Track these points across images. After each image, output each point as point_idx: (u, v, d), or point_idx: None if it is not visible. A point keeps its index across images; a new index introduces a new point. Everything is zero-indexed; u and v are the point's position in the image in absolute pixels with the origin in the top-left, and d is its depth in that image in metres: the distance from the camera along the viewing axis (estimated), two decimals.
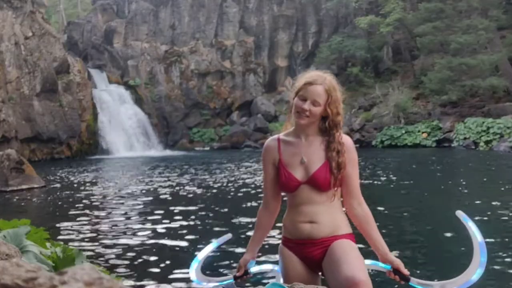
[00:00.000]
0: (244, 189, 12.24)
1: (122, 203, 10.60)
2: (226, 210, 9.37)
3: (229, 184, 13.41)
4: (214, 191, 12.22)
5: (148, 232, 7.47)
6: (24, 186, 13.11)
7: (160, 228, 7.71)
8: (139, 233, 7.40)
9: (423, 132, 28.53)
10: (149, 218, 8.69)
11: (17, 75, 26.71)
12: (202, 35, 37.97)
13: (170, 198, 11.06)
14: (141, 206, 10.12)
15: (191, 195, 11.46)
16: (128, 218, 8.79)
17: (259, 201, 10.11)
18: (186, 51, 37.32)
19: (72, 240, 6.87)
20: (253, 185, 12.95)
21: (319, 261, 2.46)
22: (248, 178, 14.84)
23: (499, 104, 27.27)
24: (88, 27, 38.65)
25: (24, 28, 27.70)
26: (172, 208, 9.61)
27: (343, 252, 2.35)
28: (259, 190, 11.94)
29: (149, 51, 37.06)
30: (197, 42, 37.66)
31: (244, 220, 8.15)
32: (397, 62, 35.24)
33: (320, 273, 2.53)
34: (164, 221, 8.32)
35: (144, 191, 12.44)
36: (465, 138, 25.99)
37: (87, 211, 9.52)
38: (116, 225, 8.12)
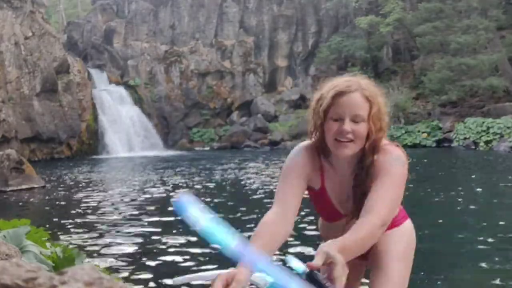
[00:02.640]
0: (245, 190, 12.24)
1: (122, 203, 10.59)
2: (227, 211, 9.37)
3: (230, 185, 13.41)
4: (215, 191, 12.22)
5: (148, 232, 7.47)
6: (24, 186, 13.10)
7: (160, 228, 7.71)
8: (139, 233, 7.40)
9: (423, 132, 28.54)
10: (149, 218, 8.69)
11: (17, 75, 26.71)
12: (202, 35, 37.97)
13: (170, 199, 11.05)
14: (141, 206, 10.12)
15: (193, 196, 11.45)
16: (128, 218, 8.79)
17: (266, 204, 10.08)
18: (186, 51, 37.32)
19: (72, 240, 6.87)
20: (256, 186, 12.95)
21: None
22: (250, 178, 14.84)
23: (499, 104, 27.27)
24: (88, 27, 38.65)
25: (24, 28, 27.70)
26: (173, 208, 9.60)
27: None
28: (261, 191, 11.93)
29: (149, 51, 37.06)
30: (197, 42, 37.67)
31: (249, 220, 8.14)
32: (396, 62, 35.25)
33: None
34: (164, 221, 8.32)
35: (144, 191, 12.44)
36: (465, 138, 25.99)
37: (87, 211, 9.52)
38: (116, 225, 8.12)
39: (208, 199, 10.79)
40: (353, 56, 34.98)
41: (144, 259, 5.94)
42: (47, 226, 7.62)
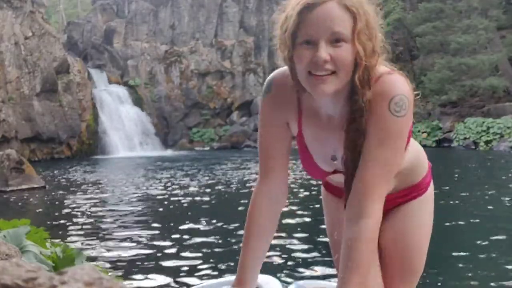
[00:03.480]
0: (245, 190, 12.24)
1: (122, 203, 10.60)
2: (228, 211, 9.37)
3: (231, 185, 13.41)
4: (216, 191, 12.22)
5: (148, 232, 7.47)
6: (24, 186, 13.10)
7: (160, 228, 7.71)
8: (140, 233, 7.40)
9: (423, 132, 28.54)
10: (150, 218, 8.69)
11: (17, 75, 26.71)
12: (202, 35, 37.97)
13: (170, 199, 11.06)
14: (142, 206, 10.12)
15: (192, 196, 11.46)
16: (128, 218, 8.79)
17: None
18: (186, 51, 37.32)
19: (72, 240, 6.87)
20: (249, 186, 12.94)
21: None
22: (250, 178, 14.84)
23: (499, 104, 27.27)
24: (88, 27, 38.65)
25: (24, 28, 27.69)
26: (173, 208, 9.61)
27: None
28: None
29: (149, 51, 37.06)
30: (197, 42, 37.67)
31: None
32: (396, 62, 35.19)
33: None
34: (164, 221, 8.32)
35: (144, 191, 12.44)
36: (465, 138, 25.99)
37: (87, 211, 9.52)
38: (116, 225, 8.12)
39: (211, 200, 10.79)
40: None
41: (144, 259, 5.94)
42: (47, 226, 7.61)
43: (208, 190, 12.36)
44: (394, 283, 1.70)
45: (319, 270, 5.20)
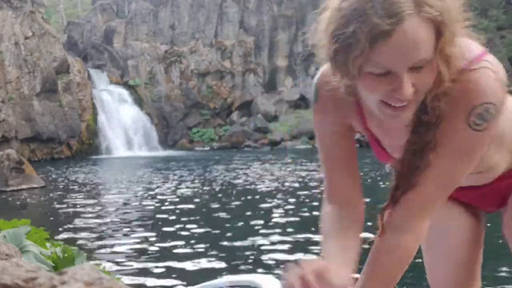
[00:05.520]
0: (246, 190, 12.24)
1: (122, 203, 10.59)
2: (228, 211, 9.37)
3: (231, 185, 13.40)
4: (216, 191, 12.21)
5: (149, 232, 7.47)
6: (24, 186, 13.10)
7: (160, 229, 7.71)
8: (140, 233, 7.39)
9: None
10: (150, 218, 8.69)
11: (17, 75, 26.73)
12: (202, 35, 37.98)
13: (171, 198, 11.05)
14: (142, 206, 10.12)
15: (193, 196, 11.46)
16: (128, 218, 8.79)
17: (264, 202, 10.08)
18: (186, 51, 37.33)
19: (72, 240, 6.87)
20: (256, 187, 12.94)
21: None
22: (250, 179, 14.84)
23: None
24: (88, 27, 38.66)
25: (24, 28, 27.71)
26: (173, 208, 9.60)
27: None
28: (258, 192, 11.91)
29: (149, 51, 37.07)
30: (197, 42, 37.67)
31: (252, 223, 8.14)
32: None
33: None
34: (164, 221, 8.32)
35: (144, 191, 12.43)
36: None
37: (87, 211, 9.52)
38: (116, 225, 8.12)
39: (209, 200, 10.79)
40: None
41: (144, 259, 5.94)
42: (47, 226, 7.60)
43: (208, 190, 12.35)
44: None
45: None
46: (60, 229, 7.80)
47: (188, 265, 5.53)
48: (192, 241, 6.69)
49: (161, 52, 37.14)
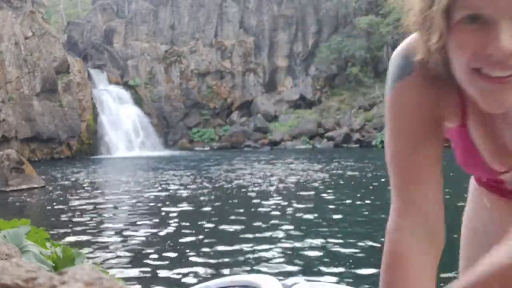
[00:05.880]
0: (246, 190, 12.24)
1: (122, 203, 10.59)
2: (229, 211, 9.37)
3: (231, 185, 13.40)
4: (216, 191, 12.22)
5: (149, 232, 7.47)
6: (24, 186, 13.10)
7: (160, 229, 7.71)
8: (140, 233, 7.40)
9: None
10: (150, 218, 8.69)
11: (17, 75, 26.73)
12: (202, 35, 37.98)
13: (171, 198, 11.06)
14: (142, 206, 10.12)
15: (193, 196, 11.46)
16: (129, 218, 8.79)
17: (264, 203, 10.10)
18: (186, 51, 37.33)
19: (72, 240, 6.87)
20: (256, 187, 12.94)
21: None
22: (250, 179, 14.84)
23: None
24: (88, 27, 38.66)
25: (24, 28, 27.71)
26: (173, 208, 9.61)
27: None
28: (255, 191, 11.91)
29: (149, 51, 37.07)
30: (197, 42, 37.68)
31: (253, 224, 8.14)
32: None
33: None
34: (164, 221, 8.32)
35: (144, 191, 12.44)
36: None
37: (87, 211, 9.52)
38: (116, 225, 8.12)
39: (209, 200, 10.79)
40: (353, 56, 35.00)
41: (144, 259, 5.94)
42: (47, 226, 7.61)
43: (208, 190, 12.35)
44: None
45: (321, 270, 5.19)
46: (60, 229, 7.80)
47: (188, 265, 5.54)
48: (192, 241, 6.70)
49: (161, 52, 37.14)
